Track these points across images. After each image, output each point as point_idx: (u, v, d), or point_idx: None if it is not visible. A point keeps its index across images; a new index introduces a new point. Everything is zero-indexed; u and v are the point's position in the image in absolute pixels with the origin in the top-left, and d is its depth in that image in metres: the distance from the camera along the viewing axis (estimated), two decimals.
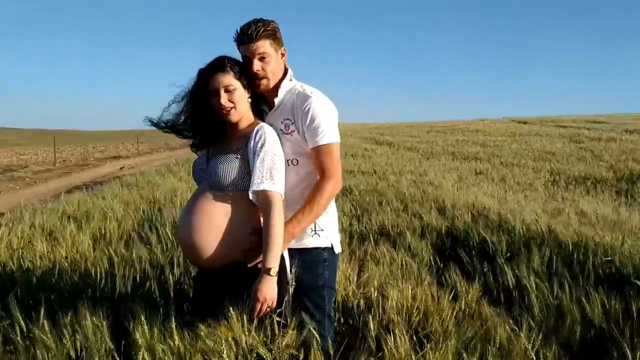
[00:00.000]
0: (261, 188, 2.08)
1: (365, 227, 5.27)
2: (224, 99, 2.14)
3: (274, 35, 2.27)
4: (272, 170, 2.11)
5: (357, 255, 4.27)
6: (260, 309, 2.01)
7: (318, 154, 2.25)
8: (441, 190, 7.43)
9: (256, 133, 2.16)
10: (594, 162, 12.26)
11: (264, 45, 2.23)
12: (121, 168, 20.86)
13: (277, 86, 2.32)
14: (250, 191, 2.08)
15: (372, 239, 4.72)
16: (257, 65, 2.23)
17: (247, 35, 2.20)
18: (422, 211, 5.72)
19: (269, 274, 2.01)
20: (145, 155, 31.87)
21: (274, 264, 2.03)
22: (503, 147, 16.57)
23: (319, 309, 2.34)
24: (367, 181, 8.54)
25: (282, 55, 2.34)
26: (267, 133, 2.17)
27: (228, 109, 2.16)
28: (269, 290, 2.01)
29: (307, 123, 2.24)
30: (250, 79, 2.27)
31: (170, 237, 4.70)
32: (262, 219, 2.12)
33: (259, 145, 2.13)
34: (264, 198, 2.09)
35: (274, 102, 2.34)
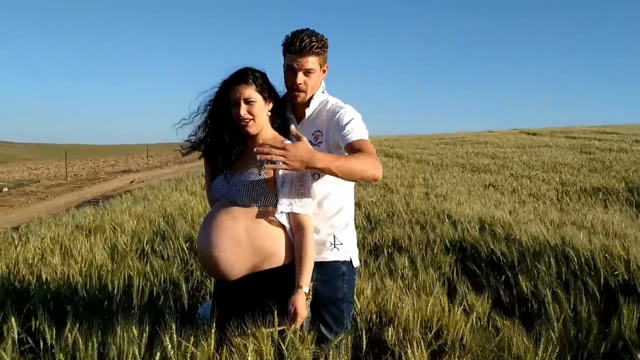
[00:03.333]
0: (290, 210, 2.13)
1: (378, 240, 5.27)
2: (243, 110, 2.15)
3: (323, 53, 2.30)
4: (301, 192, 2.15)
5: (371, 268, 4.27)
6: (295, 321, 2.04)
7: (352, 148, 2.19)
8: (452, 202, 7.42)
9: None
10: (605, 173, 12.20)
11: (313, 62, 2.26)
12: (131, 182, 20.97)
13: (311, 98, 2.36)
14: (279, 212, 2.12)
15: (384, 252, 4.72)
16: (300, 78, 2.25)
17: (300, 48, 2.21)
18: (434, 224, 5.72)
19: (304, 292, 2.08)
20: (156, 169, 32.03)
21: (308, 283, 2.10)
22: (513, 159, 16.51)
23: (338, 323, 2.34)
24: (379, 194, 8.54)
25: (324, 71, 2.37)
26: None
27: (247, 120, 2.17)
28: (303, 304, 2.06)
29: (340, 126, 2.25)
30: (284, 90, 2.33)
31: (185, 250, 4.73)
32: (293, 239, 2.17)
33: None
34: (296, 221, 2.15)
35: (303, 113, 2.38)
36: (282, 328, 2.00)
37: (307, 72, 2.26)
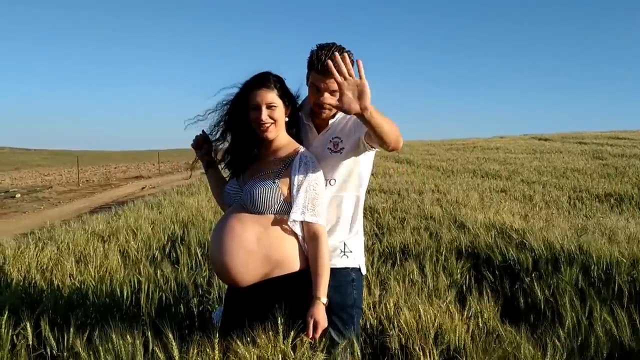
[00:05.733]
0: (302, 219, 2.12)
1: (388, 247, 5.26)
2: (264, 114, 2.15)
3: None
4: (314, 201, 2.14)
5: (380, 274, 4.26)
6: (316, 332, 2.05)
7: None
8: (463, 208, 7.39)
9: (299, 161, 2.17)
10: (618, 179, 12.09)
11: None
12: (143, 188, 21.10)
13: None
14: (291, 220, 2.11)
15: (394, 258, 4.71)
16: (327, 98, 2.17)
17: (327, 69, 2.06)
18: (445, 230, 5.70)
19: (322, 303, 2.08)
20: (167, 174, 32.15)
21: (325, 294, 2.10)
22: (524, 165, 16.43)
23: (348, 328, 2.35)
24: (389, 200, 8.53)
25: None
26: (310, 160, 2.19)
27: (268, 125, 2.17)
28: (324, 316, 2.07)
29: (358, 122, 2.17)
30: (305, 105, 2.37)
31: (196, 256, 4.75)
32: (305, 247, 2.17)
33: (302, 175, 2.15)
34: (309, 230, 2.14)
35: (326, 123, 2.35)
36: (300, 338, 2.01)
37: (333, 92, 2.18)
